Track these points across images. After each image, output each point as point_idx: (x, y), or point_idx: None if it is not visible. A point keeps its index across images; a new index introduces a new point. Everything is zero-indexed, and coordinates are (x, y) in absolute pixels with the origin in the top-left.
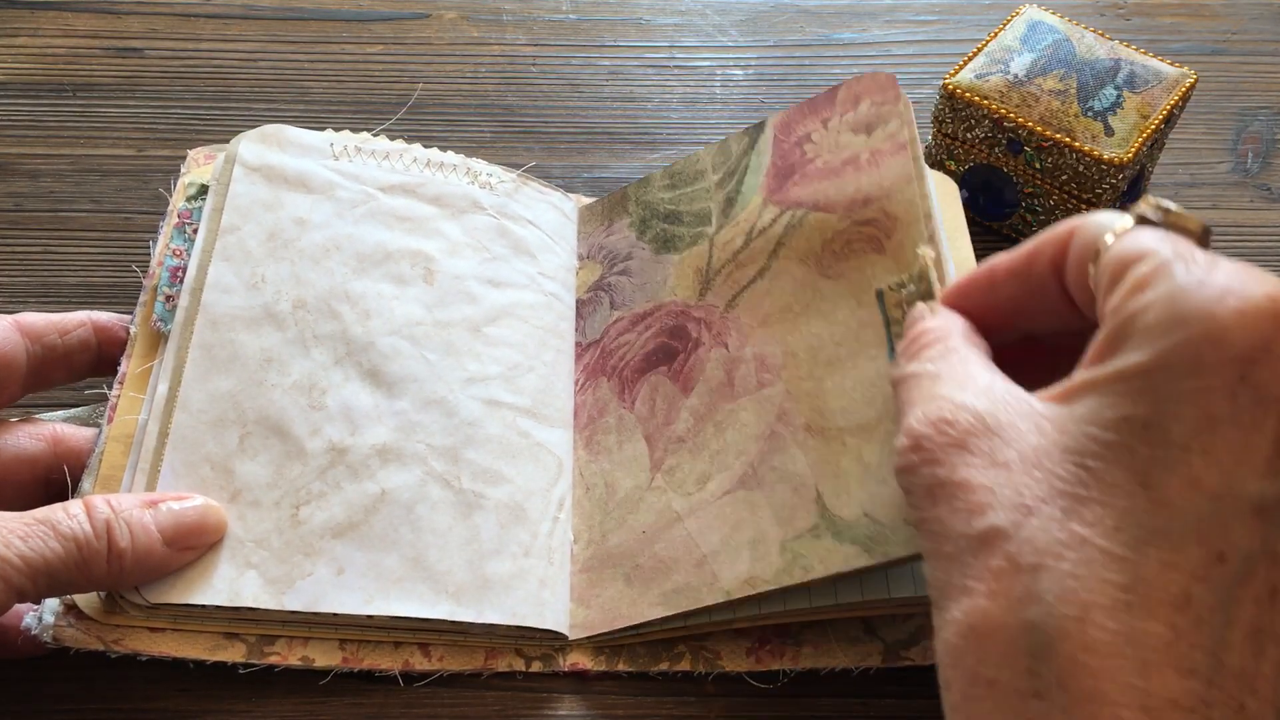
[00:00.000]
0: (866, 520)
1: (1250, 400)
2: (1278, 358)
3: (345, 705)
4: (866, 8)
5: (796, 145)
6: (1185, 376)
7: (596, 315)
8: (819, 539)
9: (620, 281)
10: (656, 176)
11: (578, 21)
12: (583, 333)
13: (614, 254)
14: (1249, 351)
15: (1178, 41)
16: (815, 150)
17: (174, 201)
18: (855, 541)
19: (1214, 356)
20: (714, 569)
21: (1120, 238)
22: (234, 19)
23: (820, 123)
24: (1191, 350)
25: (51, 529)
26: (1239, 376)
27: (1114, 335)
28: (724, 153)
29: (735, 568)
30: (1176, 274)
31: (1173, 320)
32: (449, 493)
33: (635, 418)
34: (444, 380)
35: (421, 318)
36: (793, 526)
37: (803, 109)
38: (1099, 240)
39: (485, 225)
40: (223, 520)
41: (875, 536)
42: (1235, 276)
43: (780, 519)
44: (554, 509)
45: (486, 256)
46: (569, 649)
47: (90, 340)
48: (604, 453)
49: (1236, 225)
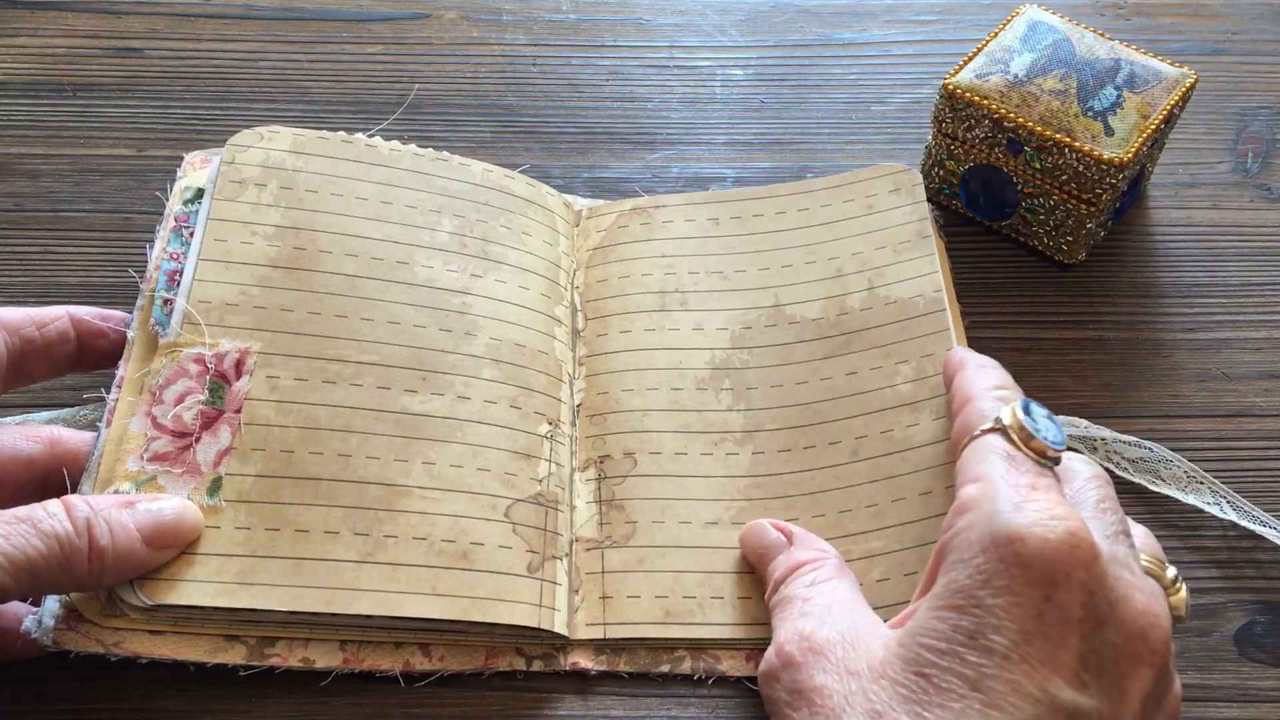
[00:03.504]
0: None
1: (1056, 619)
2: (1076, 585)
3: (345, 705)
4: (866, 8)
5: None
6: (1001, 593)
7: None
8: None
9: None
10: None
11: (578, 21)
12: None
13: None
14: (1051, 577)
15: (1178, 41)
16: None
17: (170, 205)
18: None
19: (1022, 578)
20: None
21: (972, 441)
22: (234, 19)
23: None
24: (1004, 570)
25: (33, 526)
26: (1044, 598)
27: (941, 550)
28: None
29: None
30: (999, 500)
31: (988, 542)
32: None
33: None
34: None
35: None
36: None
37: None
38: (968, 433)
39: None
40: (199, 520)
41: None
42: (1046, 510)
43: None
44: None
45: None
46: (570, 649)
47: (68, 332)
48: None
49: (1236, 225)
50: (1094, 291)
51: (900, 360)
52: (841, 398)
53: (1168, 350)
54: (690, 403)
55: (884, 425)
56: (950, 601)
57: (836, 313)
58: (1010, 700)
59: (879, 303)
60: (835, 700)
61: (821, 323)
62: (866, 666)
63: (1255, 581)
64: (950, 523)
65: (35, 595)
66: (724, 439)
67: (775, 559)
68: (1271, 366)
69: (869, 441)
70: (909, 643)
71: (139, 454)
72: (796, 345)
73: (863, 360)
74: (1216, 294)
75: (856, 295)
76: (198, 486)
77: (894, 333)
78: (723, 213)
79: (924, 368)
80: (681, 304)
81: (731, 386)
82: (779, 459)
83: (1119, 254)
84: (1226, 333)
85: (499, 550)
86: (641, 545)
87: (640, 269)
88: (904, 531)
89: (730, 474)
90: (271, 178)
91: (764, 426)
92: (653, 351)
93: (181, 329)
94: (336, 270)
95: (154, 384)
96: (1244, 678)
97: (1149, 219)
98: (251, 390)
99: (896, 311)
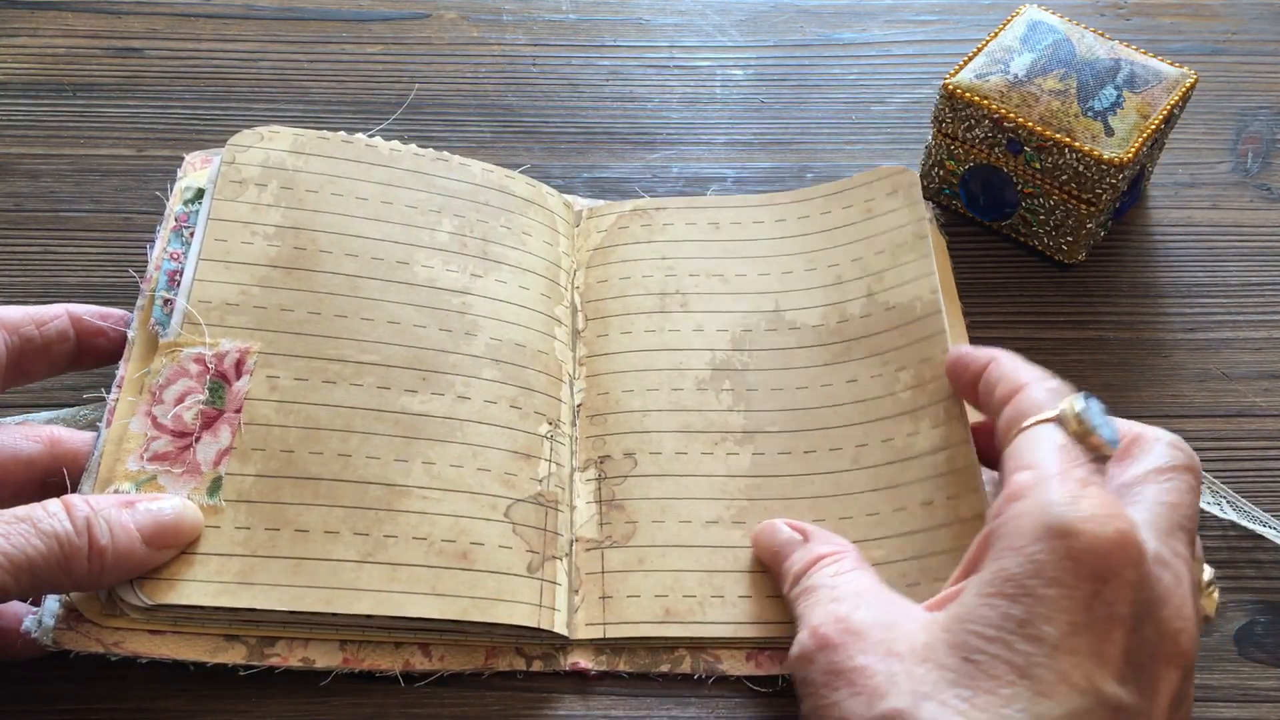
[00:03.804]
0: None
1: (1104, 614)
2: (1125, 583)
3: (345, 705)
4: (866, 8)
5: None
6: (1052, 585)
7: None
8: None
9: None
10: None
11: (578, 21)
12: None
13: None
14: (1101, 573)
15: (1178, 41)
16: None
17: (171, 205)
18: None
19: (1074, 571)
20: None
21: (1026, 429)
22: (234, 19)
23: None
24: (1056, 562)
25: (32, 526)
26: (1094, 592)
27: (989, 538)
28: None
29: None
30: (1052, 491)
31: (1041, 532)
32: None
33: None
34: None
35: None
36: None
37: None
38: (1021, 420)
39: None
40: (199, 520)
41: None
42: (1100, 507)
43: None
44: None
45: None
46: (570, 649)
47: (67, 331)
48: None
49: (1236, 225)
50: (1094, 291)
51: (900, 367)
52: (842, 405)
53: (1168, 350)
54: (690, 403)
55: (884, 434)
56: (1001, 589)
57: (836, 320)
58: (1060, 690)
59: (878, 309)
60: (878, 680)
61: (821, 330)
62: (908, 649)
63: (1255, 581)
64: (1000, 508)
65: (35, 595)
66: (724, 439)
67: (791, 555)
68: (1271, 366)
69: (870, 450)
70: (955, 628)
71: (139, 454)
72: (797, 351)
73: (862, 368)
74: (1216, 294)
75: (856, 303)
76: (198, 486)
77: (893, 339)
78: (723, 218)
79: (922, 373)
80: (682, 305)
81: (732, 387)
82: (779, 461)
83: (1119, 254)
84: (1226, 333)
85: (499, 550)
86: (641, 545)
87: (641, 270)
88: (905, 542)
89: (731, 473)
90: (272, 178)
91: (764, 428)
92: (653, 352)
93: (182, 329)
94: (337, 270)
95: (154, 384)
96: (1244, 678)
97: (1149, 219)
98: (251, 390)
99: (895, 317)
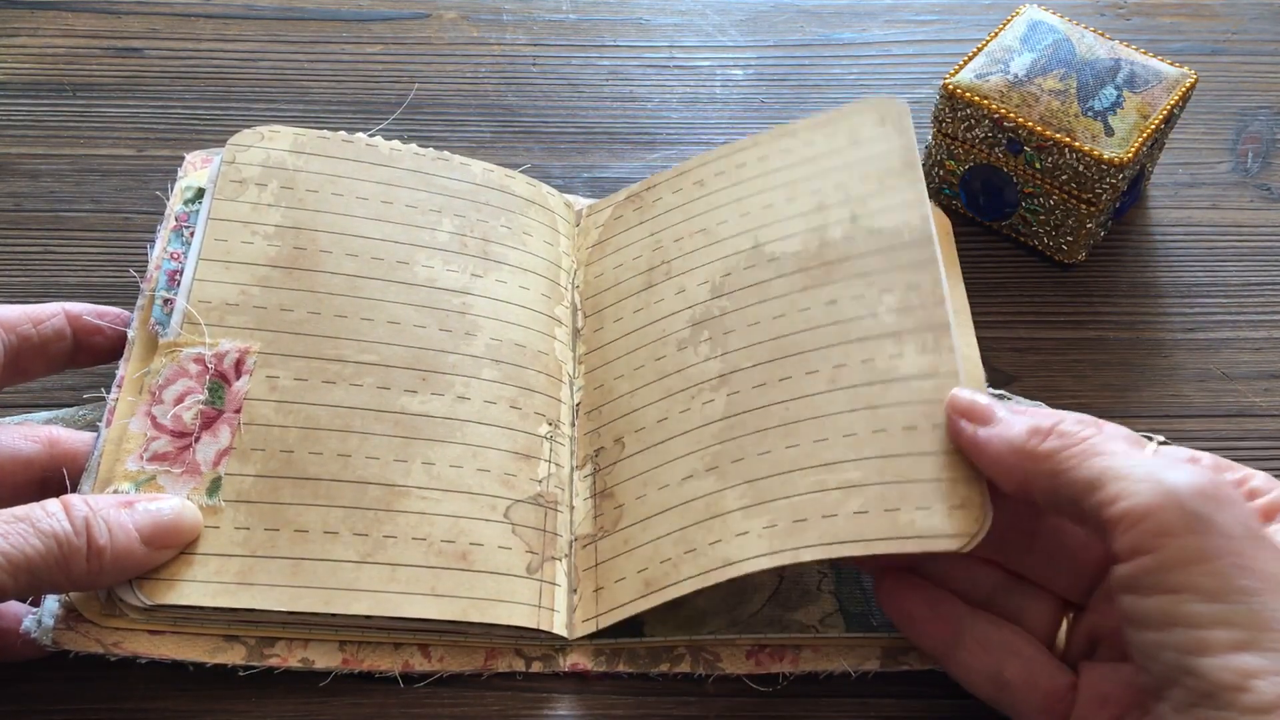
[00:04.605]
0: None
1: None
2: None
3: (345, 706)
4: (866, 8)
5: None
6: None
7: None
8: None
9: None
10: None
11: (578, 21)
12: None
13: None
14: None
15: (1178, 41)
16: None
17: (171, 204)
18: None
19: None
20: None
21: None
22: (234, 19)
23: None
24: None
25: (31, 526)
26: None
27: (1139, 572)
28: None
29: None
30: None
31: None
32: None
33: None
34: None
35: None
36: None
37: None
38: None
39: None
40: (198, 520)
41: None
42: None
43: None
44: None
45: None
46: (569, 649)
47: (65, 329)
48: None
49: (1236, 225)
50: (1094, 291)
51: (884, 290)
52: (820, 327)
53: (1168, 350)
54: (671, 366)
55: (865, 354)
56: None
57: (817, 244)
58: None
59: (861, 232)
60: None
61: (801, 255)
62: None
63: None
64: (1138, 545)
65: (34, 595)
66: (700, 389)
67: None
68: (1271, 366)
69: (848, 370)
70: None
71: (139, 454)
72: (774, 281)
73: (843, 289)
74: (1216, 294)
75: (838, 226)
76: (197, 486)
77: (877, 262)
78: (707, 173)
79: (909, 299)
80: (666, 274)
81: (710, 336)
82: (753, 395)
83: (1119, 254)
84: (1226, 333)
85: (498, 551)
86: (627, 525)
87: (632, 254)
88: (885, 465)
89: (706, 422)
90: (272, 177)
91: (739, 367)
92: (641, 330)
93: (181, 329)
94: (337, 270)
95: (154, 384)
96: None
97: (1149, 219)
98: (251, 390)
99: (880, 241)
